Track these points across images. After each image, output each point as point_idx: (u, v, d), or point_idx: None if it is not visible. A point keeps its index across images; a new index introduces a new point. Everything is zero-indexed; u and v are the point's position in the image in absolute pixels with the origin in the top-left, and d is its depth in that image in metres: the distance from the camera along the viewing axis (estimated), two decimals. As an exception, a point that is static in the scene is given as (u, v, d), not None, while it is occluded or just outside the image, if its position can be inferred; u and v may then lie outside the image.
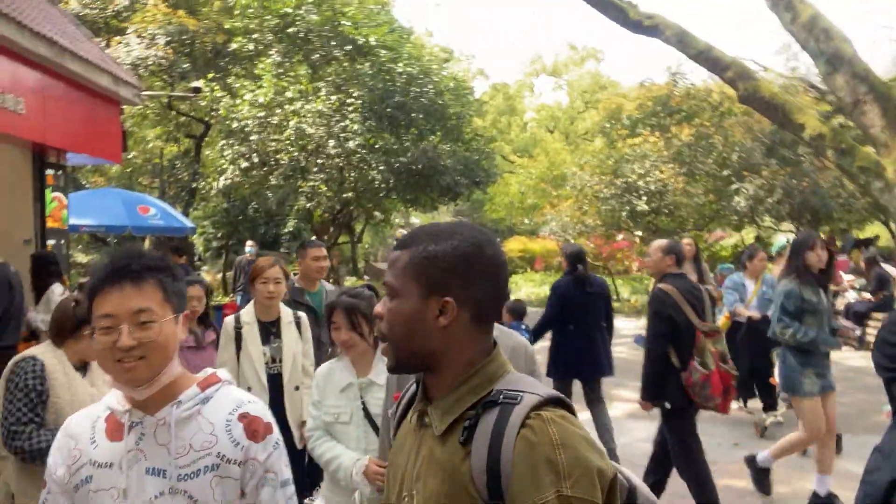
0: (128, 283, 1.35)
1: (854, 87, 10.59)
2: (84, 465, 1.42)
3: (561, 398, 1.09)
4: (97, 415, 1.47)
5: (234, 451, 1.41)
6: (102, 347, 1.35)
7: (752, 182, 13.08)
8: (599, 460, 1.03)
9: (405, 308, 1.13)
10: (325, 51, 13.22)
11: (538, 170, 19.33)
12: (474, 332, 1.14)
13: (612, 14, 12.08)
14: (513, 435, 1.02)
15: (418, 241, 1.15)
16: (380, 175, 12.18)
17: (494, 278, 1.15)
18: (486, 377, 1.12)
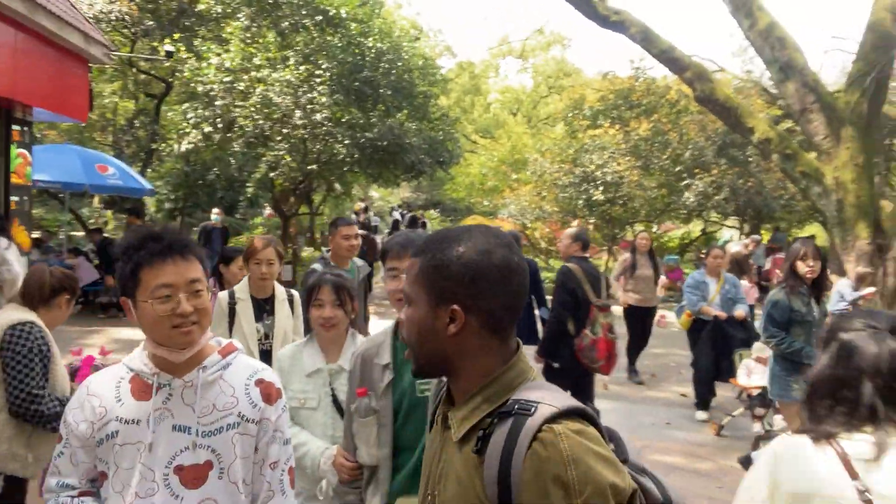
0: (178, 256, 1.52)
1: (803, 95, 11.19)
2: (110, 420, 1.54)
3: (580, 409, 1.06)
4: (119, 376, 1.60)
5: (252, 411, 1.61)
6: (161, 315, 1.49)
7: (702, 179, 13.68)
8: (614, 476, 1.00)
9: (417, 316, 1.15)
10: (294, 19, 13.07)
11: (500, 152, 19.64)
12: (488, 340, 1.13)
13: (581, 6, 12.38)
14: (523, 449, 1.01)
15: (429, 249, 1.16)
16: (345, 149, 12.23)
17: (504, 285, 1.11)
18: (503, 386, 1.11)
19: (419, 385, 2.05)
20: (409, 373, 2.03)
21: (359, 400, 2.08)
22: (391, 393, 2.07)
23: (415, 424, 2.04)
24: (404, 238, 2.18)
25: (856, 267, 9.97)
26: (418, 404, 2.05)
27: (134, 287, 1.51)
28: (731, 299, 6.25)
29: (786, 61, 11.07)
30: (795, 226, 18.74)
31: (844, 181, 10.30)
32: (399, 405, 2.07)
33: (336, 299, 2.54)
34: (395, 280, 2.12)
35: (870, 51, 10.53)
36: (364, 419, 2.09)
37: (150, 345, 1.57)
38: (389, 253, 2.15)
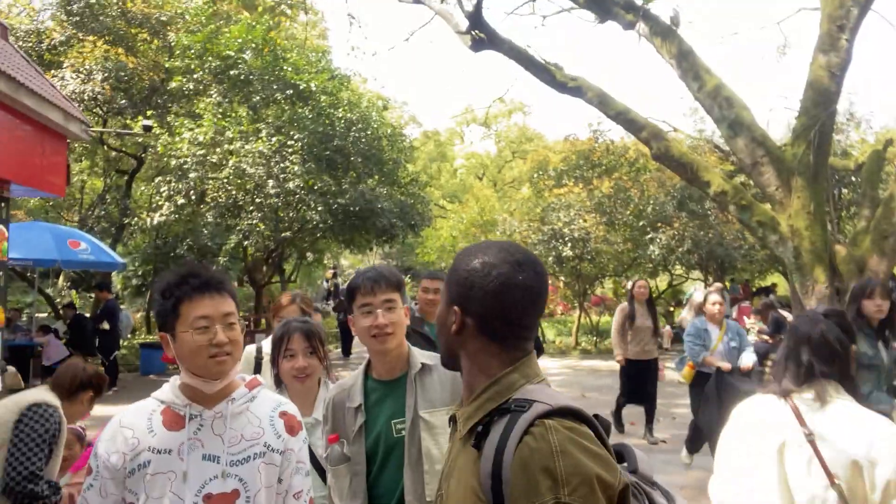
0: (215, 292, 1.65)
1: (752, 150, 11.85)
2: (143, 451, 1.60)
3: (574, 409, 1.10)
4: (151, 409, 1.68)
5: (277, 442, 1.71)
6: (199, 345, 1.61)
7: (664, 232, 14.16)
8: (602, 469, 1.03)
9: (440, 311, 1.28)
10: (265, 93, 13.51)
11: (469, 215, 20.07)
12: (487, 344, 1.19)
13: (539, 74, 13.05)
14: (515, 441, 1.04)
15: (458, 257, 1.28)
16: (318, 215, 12.45)
17: (499, 298, 1.17)
18: (505, 386, 1.16)
19: (395, 425, 1.97)
20: (385, 413, 1.99)
21: (331, 447, 2.02)
22: (363, 437, 1.98)
23: (392, 469, 1.96)
24: (375, 272, 2.07)
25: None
26: (396, 445, 1.96)
27: (174, 320, 1.63)
28: (736, 348, 5.82)
29: (734, 119, 11.76)
30: (757, 276, 19.33)
31: (799, 228, 10.82)
32: (374, 450, 1.98)
33: (308, 347, 2.41)
34: (368, 316, 1.99)
35: (811, 106, 11.27)
36: (336, 468, 1.99)
37: (185, 376, 1.67)
38: (360, 289, 2.02)
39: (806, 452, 1.86)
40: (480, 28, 12.70)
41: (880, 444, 1.78)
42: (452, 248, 20.37)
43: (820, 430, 1.87)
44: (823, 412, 1.89)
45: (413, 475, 1.92)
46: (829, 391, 1.91)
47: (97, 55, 12.50)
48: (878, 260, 10.59)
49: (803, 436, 1.87)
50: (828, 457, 1.83)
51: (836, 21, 11.06)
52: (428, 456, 1.92)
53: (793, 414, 1.91)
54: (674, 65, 12.69)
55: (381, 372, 2.06)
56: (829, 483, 1.82)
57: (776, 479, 1.90)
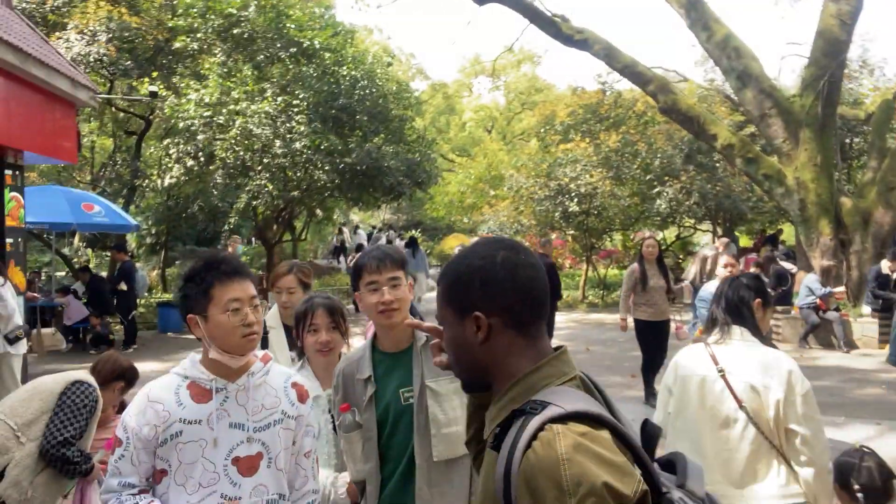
0: (242, 277, 1.84)
1: (761, 101, 11.78)
2: (174, 422, 1.77)
3: (591, 414, 1.05)
4: (176, 384, 1.84)
5: (291, 409, 1.93)
6: (234, 325, 1.78)
7: (672, 186, 14.17)
8: (612, 477, 0.97)
9: (450, 334, 1.22)
10: (269, 52, 13.45)
11: (477, 170, 20.08)
12: (516, 339, 1.16)
13: (546, 28, 12.92)
14: (523, 447, 1.02)
15: (445, 272, 1.24)
16: (325, 175, 12.55)
17: (513, 282, 1.15)
18: (527, 387, 1.13)
19: (404, 394, 2.13)
20: (393, 383, 2.15)
21: (342, 416, 2.13)
22: (374, 406, 2.12)
23: (402, 434, 2.12)
24: (380, 252, 2.17)
25: (820, 261, 10.45)
26: (404, 412, 2.11)
27: (206, 303, 1.79)
28: None
29: (742, 70, 11.66)
30: (768, 226, 19.32)
31: (805, 181, 10.83)
32: (384, 416, 2.12)
33: (331, 322, 2.48)
34: (375, 293, 2.11)
35: (820, 56, 11.13)
36: (348, 434, 2.13)
37: (215, 353, 1.82)
38: (366, 267, 2.13)
39: (719, 384, 2.41)
40: (485, -20, 12.50)
41: (772, 373, 2.33)
42: (461, 203, 20.48)
43: (729, 367, 2.40)
44: (731, 352, 2.43)
45: (421, 440, 2.10)
46: (734, 334, 2.45)
47: (101, 15, 12.45)
48: (884, 212, 10.62)
49: (716, 371, 2.42)
50: (735, 386, 2.37)
51: (848, -33, 10.78)
52: (435, 421, 2.09)
53: (709, 356, 2.46)
54: (683, 14, 12.49)
55: (388, 345, 2.21)
56: (738, 406, 2.36)
57: (699, 406, 2.45)
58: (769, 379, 2.32)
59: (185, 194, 14.19)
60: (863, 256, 10.43)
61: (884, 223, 10.53)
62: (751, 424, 2.33)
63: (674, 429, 2.53)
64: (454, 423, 2.11)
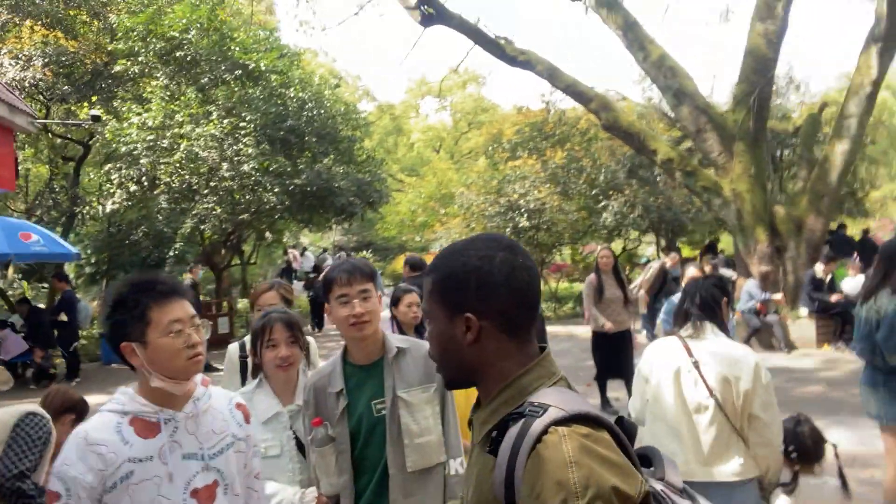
0: (180, 296, 1.74)
1: (696, 117, 12.32)
2: (122, 463, 1.63)
3: (593, 415, 1.05)
4: (115, 421, 1.68)
5: (240, 430, 1.87)
6: (177, 348, 1.67)
7: (616, 200, 14.61)
8: (618, 480, 0.97)
9: (437, 330, 1.19)
10: (214, 74, 13.29)
11: (427, 189, 20.22)
12: (506, 343, 1.14)
13: (490, 49, 13.21)
14: (527, 449, 1.00)
15: (437, 265, 1.20)
16: (275, 197, 12.43)
17: (509, 286, 1.13)
18: (520, 389, 1.11)
19: (376, 405, 2.14)
20: (365, 395, 2.16)
21: (315, 430, 2.12)
22: (346, 419, 2.13)
23: (376, 445, 2.14)
24: (350, 265, 2.18)
25: (759, 268, 10.93)
26: (377, 424, 2.13)
27: (144, 328, 1.66)
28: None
29: (678, 88, 12.18)
30: (708, 236, 20.05)
31: (740, 191, 11.35)
32: (357, 429, 2.13)
33: (290, 336, 2.44)
34: (346, 306, 2.12)
35: (750, 73, 11.74)
36: (321, 448, 2.11)
37: (157, 381, 1.69)
38: (337, 280, 2.13)
39: (693, 374, 2.66)
40: (429, 3, 12.73)
41: (741, 365, 2.62)
42: (412, 221, 20.55)
43: (703, 359, 2.67)
44: (704, 345, 2.70)
45: (395, 449, 2.13)
46: (706, 329, 2.72)
47: (36, 40, 12.08)
48: (815, 219, 11.22)
49: (691, 363, 2.68)
50: (707, 376, 2.63)
51: (772, -11, 11.45)
52: (408, 431, 2.13)
53: (683, 348, 2.71)
54: (620, 35, 12.99)
55: (359, 357, 2.23)
56: (708, 394, 2.62)
57: (674, 394, 2.70)
58: (738, 371, 2.60)
59: (127, 220, 13.78)
60: (797, 261, 10.96)
61: (815, 229, 11.11)
62: (719, 411, 2.61)
63: (651, 414, 2.77)
64: (427, 432, 2.15)
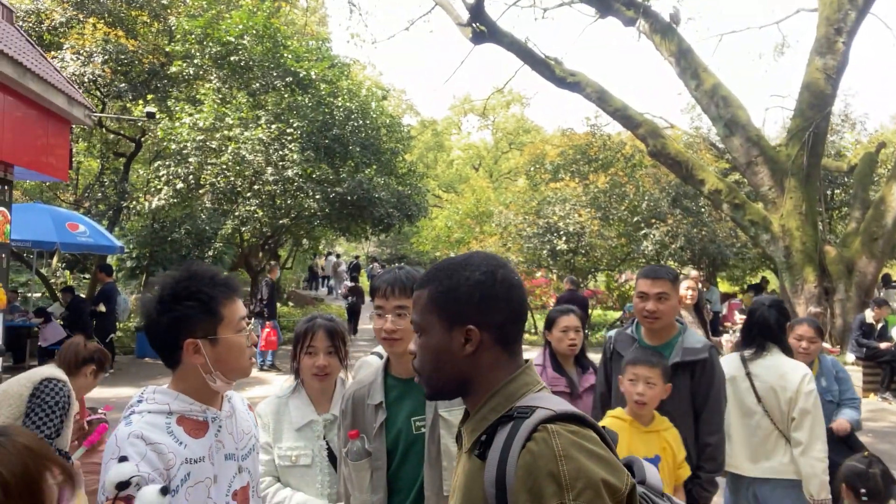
0: (240, 294, 1.71)
1: (748, 149, 12.04)
2: (181, 464, 1.54)
3: (577, 415, 1.09)
4: (163, 422, 1.57)
5: (256, 431, 1.85)
6: (243, 346, 1.63)
7: (658, 229, 14.32)
8: (607, 472, 1.01)
9: (432, 342, 1.21)
10: (265, 80, 13.53)
11: (465, 206, 20.18)
12: (500, 355, 1.20)
13: (540, 69, 13.16)
14: (518, 448, 1.03)
15: (435, 279, 1.23)
16: (315, 203, 12.52)
17: (508, 301, 1.19)
18: (507, 396, 1.16)
19: (415, 422, 2.02)
20: (404, 410, 2.04)
21: (351, 443, 2.02)
22: (384, 434, 2.02)
23: (412, 464, 2.01)
24: (392, 276, 2.09)
25: (806, 308, 10.54)
26: (415, 442, 2.00)
27: (216, 323, 1.59)
28: (832, 401, 3.76)
29: (730, 118, 11.93)
30: (749, 273, 19.54)
31: (790, 228, 11.02)
32: (395, 445, 2.02)
33: (330, 346, 2.37)
34: (380, 319, 2.04)
35: (806, 108, 11.44)
36: (357, 462, 2.01)
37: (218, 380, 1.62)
38: (378, 291, 2.08)
39: (746, 383, 3.17)
40: (481, 21, 12.77)
41: (789, 377, 3.06)
42: (447, 238, 20.50)
43: (755, 371, 3.17)
44: (760, 361, 3.18)
45: (432, 471, 1.98)
46: (767, 348, 3.18)
47: (97, 37, 12.46)
48: (867, 261, 10.81)
49: (744, 374, 3.18)
50: (757, 386, 3.13)
51: (834, 24, 11.19)
52: (447, 453, 1.98)
53: (741, 362, 3.22)
54: (673, 62, 12.81)
55: (400, 370, 2.10)
56: (756, 401, 3.12)
57: (731, 399, 3.11)
58: (786, 381, 3.05)
59: (171, 218, 14.05)
60: (846, 305, 10.55)
61: (867, 272, 10.69)
62: (765, 415, 3.09)
63: None
64: None
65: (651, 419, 2.71)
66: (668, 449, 2.67)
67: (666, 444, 2.67)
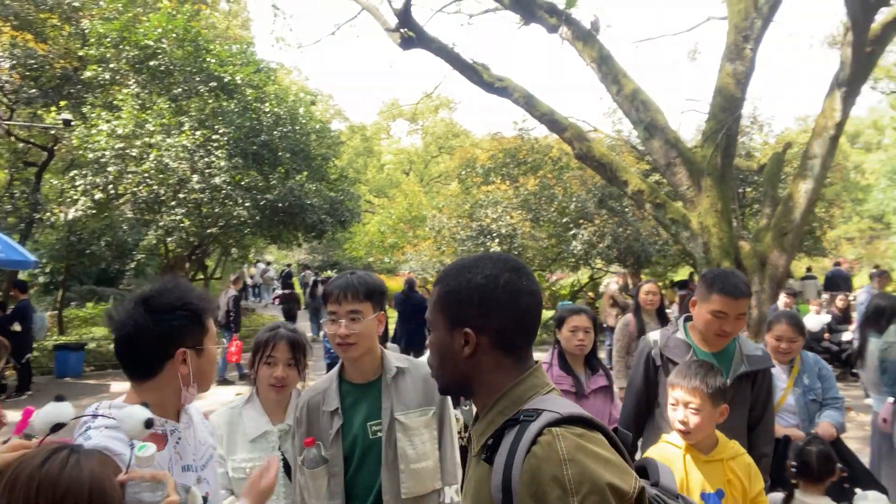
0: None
1: (667, 151, 12.57)
2: None
3: (584, 417, 1.07)
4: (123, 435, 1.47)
5: (211, 440, 1.83)
6: (215, 357, 1.70)
7: (586, 229, 14.78)
8: (613, 476, 0.99)
9: (437, 340, 1.23)
10: (188, 85, 13.12)
11: (397, 211, 20.17)
12: (501, 360, 1.17)
13: (467, 74, 13.32)
14: (523, 452, 1.02)
15: (445, 278, 1.23)
16: (245, 211, 12.24)
17: (511, 306, 1.16)
18: (514, 399, 1.14)
19: (371, 427, 2.04)
20: (360, 416, 2.06)
21: (307, 450, 2.01)
22: (341, 440, 2.03)
23: (369, 469, 2.03)
24: (344, 281, 2.10)
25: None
26: (372, 447, 2.04)
27: (202, 334, 1.64)
28: (815, 400, 3.49)
29: (650, 122, 12.44)
30: (670, 269, 20.42)
31: (708, 225, 11.59)
32: (351, 451, 2.03)
33: (291, 357, 2.33)
34: (333, 325, 2.03)
35: (719, 111, 12.07)
36: (313, 470, 2.01)
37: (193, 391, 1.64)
38: (330, 296, 2.07)
39: None
40: (409, 26, 12.82)
41: None
42: (381, 242, 20.44)
43: None
44: None
45: (390, 475, 2.02)
46: None
47: (3, 41, 11.77)
48: (779, 255, 11.50)
49: None
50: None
51: (742, 31, 11.89)
52: (404, 456, 2.02)
53: None
54: (595, 68, 13.25)
55: (355, 376, 2.13)
56: None
57: None
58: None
59: (89, 230, 13.40)
60: (761, 296, 11.20)
61: (779, 265, 11.39)
62: None
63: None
64: (424, 458, 2.05)
65: (713, 445, 2.25)
66: (734, 481, 2.19)
67: (732, 475, 2.20)
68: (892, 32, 10.38)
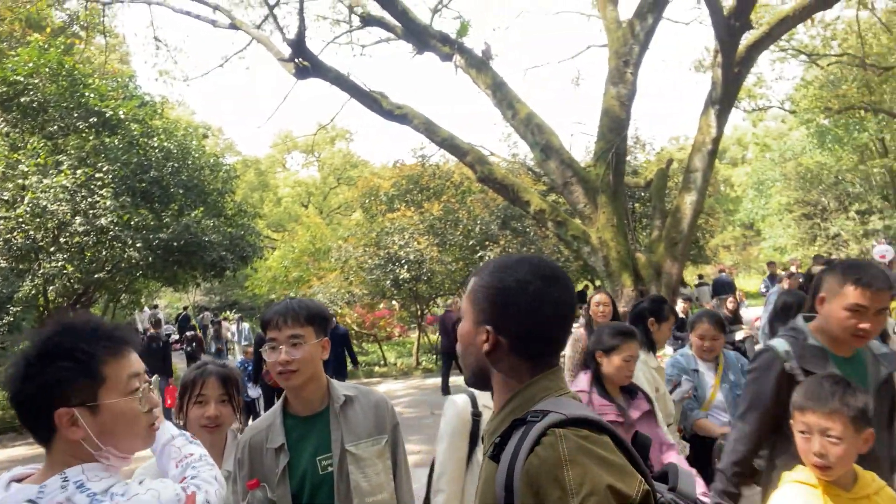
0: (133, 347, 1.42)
1: (563, 171, 13.11)
2: None
3: (593, 420, 1.06)
4: None
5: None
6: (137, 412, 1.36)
7: (492, 250, 15.06)
8: (614, 478, 0.98)
9: (464, 329, 1.25)
10: (65, 122, 12.23)
11: (300, 244, 19.67)
12: (517, 362, 1.17)
13: (367, 102, 13.33)
14: (525, 452, 1.02)
15: (483, 271, 1.25)
16: (137, 253, 11.48)
17: (534, 315, 1.15)
18: (526, 399, 1.15)
19: (321, 462, 1.92)
20: (308, 451, 1.92)
21: (251, 494, 1.88)
22: (288, 479, 1.89)
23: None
24: (284, 306, 1.98)
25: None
26: (322, 483, 1.91)
27: (96, 387, 1.31)
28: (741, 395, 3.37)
29: (545, 144, 12.96)
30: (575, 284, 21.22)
31: (606, 240, 12.15)
32: (300, 489, 1.90)
33: (223, 394, 2.16)
34: (273, 352, 1.90)
35: (607, 132, 12.77)
36: None
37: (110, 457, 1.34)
38: (269, 323, 1.95)
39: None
40: (304, 56, 12.68)
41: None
42: (285, 277, 19.82)
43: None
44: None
45: None
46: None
47: None
48: (671, 263, 12.22)
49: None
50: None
51: (622, 57, 12.68)
52: (357, 490, 1.90)
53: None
54: (489, 94, 13.67)
55: (300, 408, 1.99)
56: None
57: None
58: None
59: (-47, 284, 12.07)
60: (660, 304, 11.82)
61: (672, 273, 12.09)
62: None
63: None
64: (379, 490, 1.94)
65: (854, 479, 1.84)
66: None
67: None
68: (755, 54, 11.42)
